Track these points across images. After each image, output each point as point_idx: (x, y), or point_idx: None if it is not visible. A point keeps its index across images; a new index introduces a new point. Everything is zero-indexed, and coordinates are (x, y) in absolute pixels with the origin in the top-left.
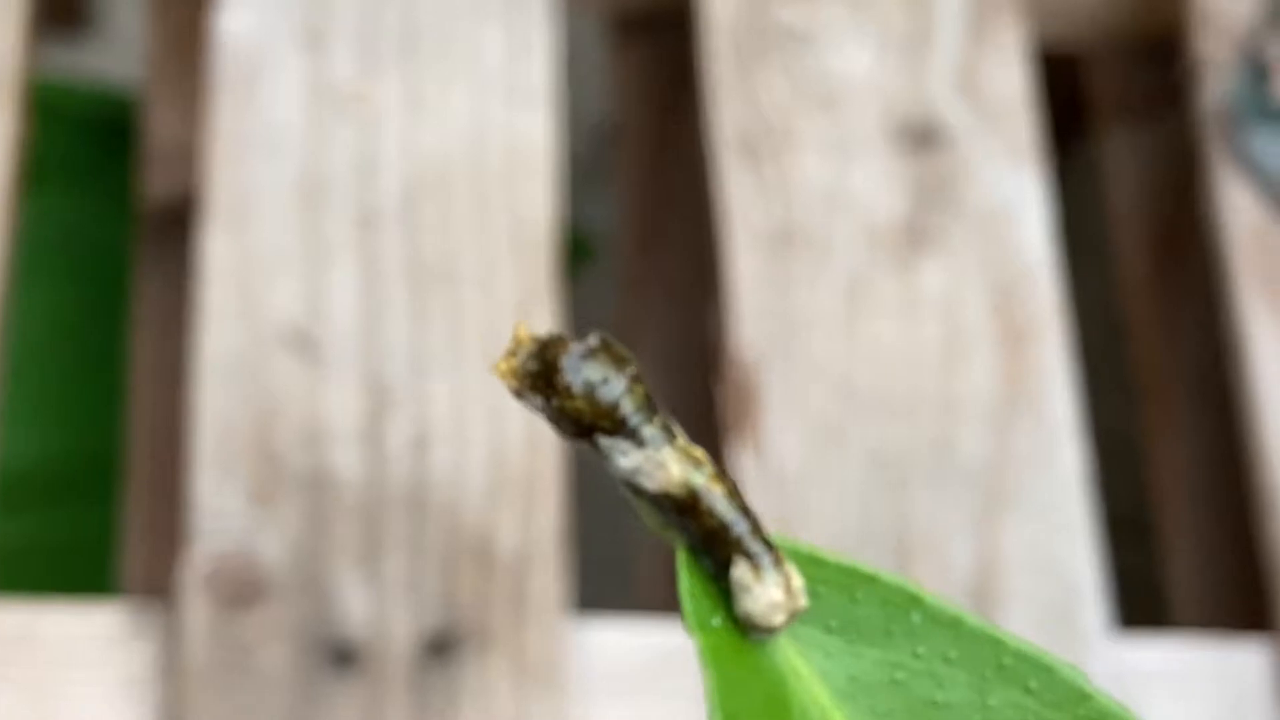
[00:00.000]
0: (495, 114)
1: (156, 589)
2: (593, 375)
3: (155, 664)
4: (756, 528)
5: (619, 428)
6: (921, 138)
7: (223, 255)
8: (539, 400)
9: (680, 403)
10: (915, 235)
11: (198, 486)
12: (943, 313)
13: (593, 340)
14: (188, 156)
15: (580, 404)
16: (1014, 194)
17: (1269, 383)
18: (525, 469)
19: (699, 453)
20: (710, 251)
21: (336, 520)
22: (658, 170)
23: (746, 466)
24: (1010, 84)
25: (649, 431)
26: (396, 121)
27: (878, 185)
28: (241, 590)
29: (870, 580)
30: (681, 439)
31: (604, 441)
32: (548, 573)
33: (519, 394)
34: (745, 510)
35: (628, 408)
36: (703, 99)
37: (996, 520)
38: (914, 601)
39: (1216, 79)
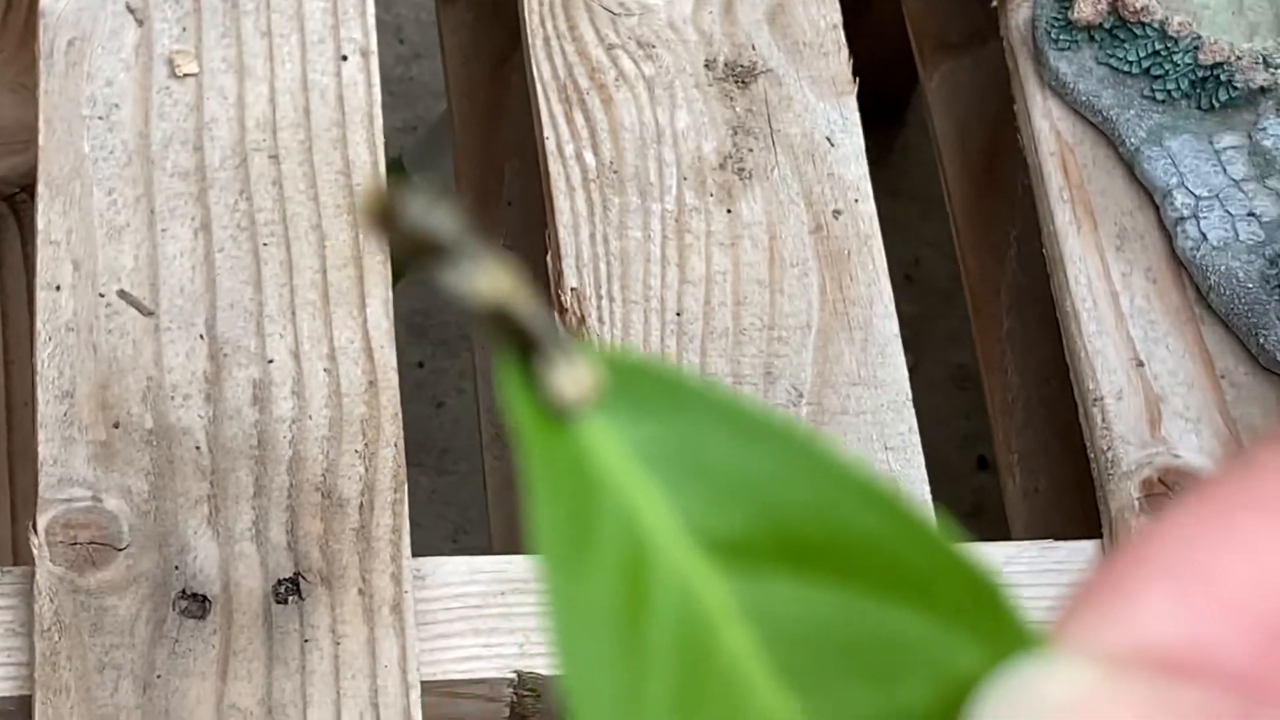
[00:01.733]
0: (320, 73)
1: (13, 552)
2: (417, 210)
3: (9, 627)
4: (553, 328)
5: (441, 253)
6: (739, 75)
7: (58, 224)
8: (386, 236)
9: None
10: (736, 169)
11: (44, 450)
12: (765, 241)
13: (421, 188)
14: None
15: (410, 235)
16: (830, 124)
17: (1085, 291)
18: (363, 413)
19: (505, 270)
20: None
21: (182, 474)
22: (490, 123)
23: None
24: (823, 18)
25: (464, 256)
26: (222, 83)
27: (698, 122)
28: (92, 549)
29: (670, 375)
30: (491, 259)
31: (435, 267)
32: (390, 512)
33: (371, 230)
34: (542, 315)
35: (446, 236)
36: (525, 47)
37: (825, 440)
38: (717, 400)
39: (1025, 3)
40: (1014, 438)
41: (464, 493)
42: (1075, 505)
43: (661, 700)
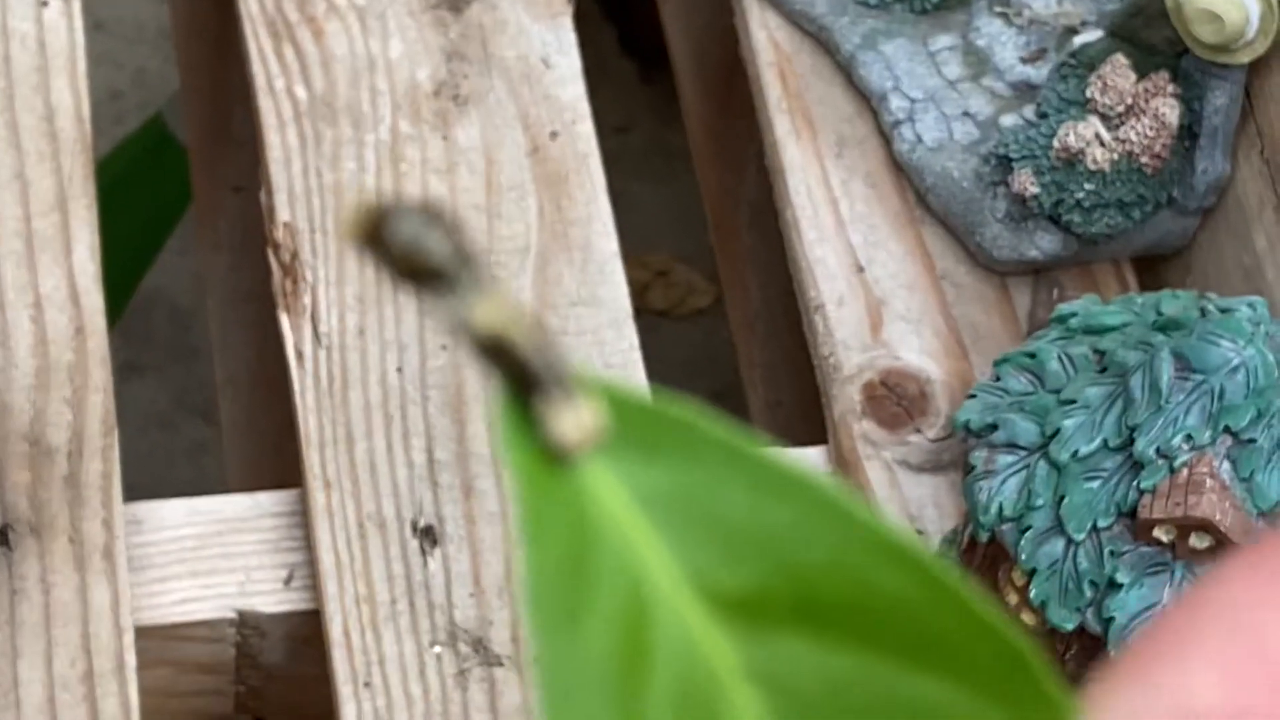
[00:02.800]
0: (20, 20)
1: None
2: (410, 231)
3: None
4: (554, 365)
5: (435, 278)
6: (452, 2)
7: None
8: (377, 256)
9: (262, 288)
10: (451, 95)
11: None
12: (482, 167)
13: (411, 202)
14: None
15: (402, 257)
16: (546, 46)
17: (805, 200)
18: (71, 360)
19: (505, 298)
20: None
21: None
22: (216, 62)
23: (303, 337)
24: None
25: (463, 284)
26: None
27: (412, 50)
28: None
29: (682, 416)
30: (492, 287)
31: (428, 292)
32: (100, 458)
33: (362, 251)
34: (545, 349)
35: (441, 259)
36: None
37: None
38: (715, 436)
39: None
40: (756, 352)
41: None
42: (817, 417)
43: None
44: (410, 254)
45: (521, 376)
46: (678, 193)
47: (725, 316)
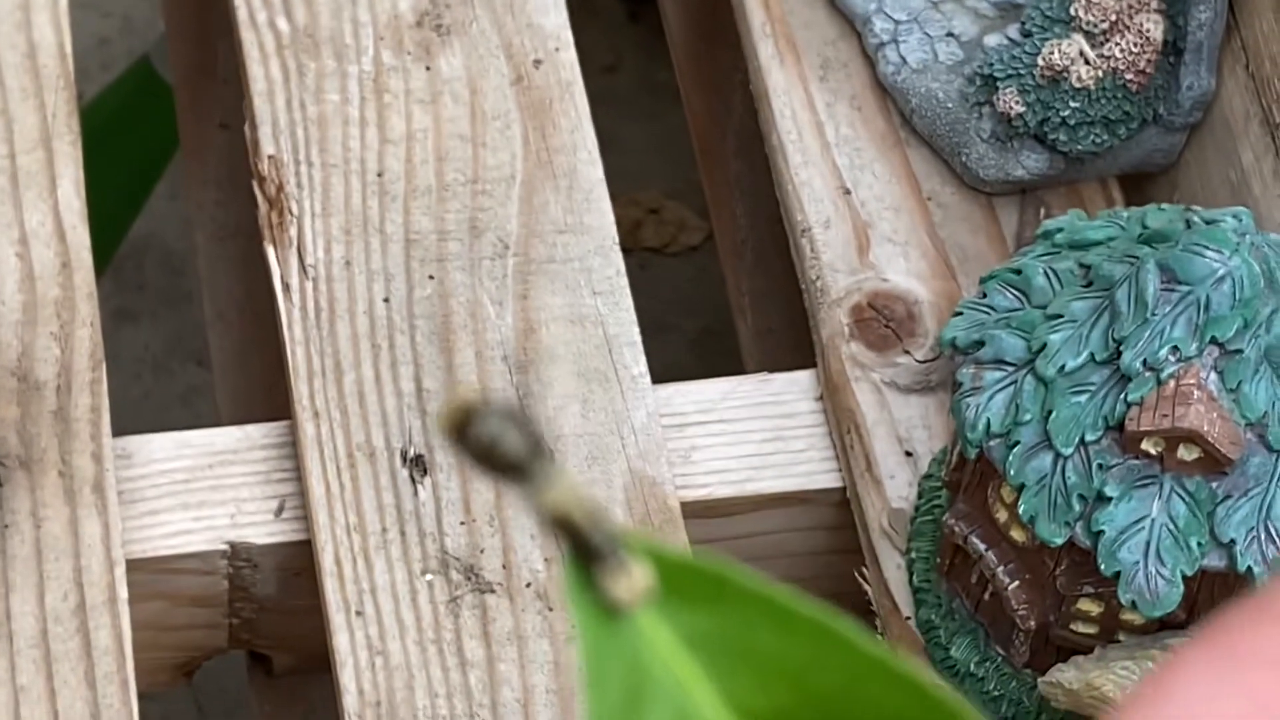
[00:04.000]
0: None
1: None
2: (493, 432)
3: None
4: (611, 538)
5: (514, 470)
6: None
7: None
8: (464, 450)
9: (250, 224)
10: (434, 25)
11: None
12: (466, 96)
13: (496, 405)
14: None
15: (486, 455)
16: None
17: (790, 124)
18: (57, 295)
19: (570, 484)
20: None
21: None
22: (203, 3)
23: (289, 269)
24: None
25: (535, 475)
26: None
27: None
28: None
29: (714, 569)
30: (559, 475)
31: (508, 479)
32: (88, 392)
33: (447, 440)
34: (601, 525)
35: (519, 459)
36: None
37: (533, 287)
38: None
39: None
40: (744, 280)
41: None
42: (807, 344)
43: None
44: (492, 450)
45: (584, 548)
46: (668, 130)
47: (717, 254)
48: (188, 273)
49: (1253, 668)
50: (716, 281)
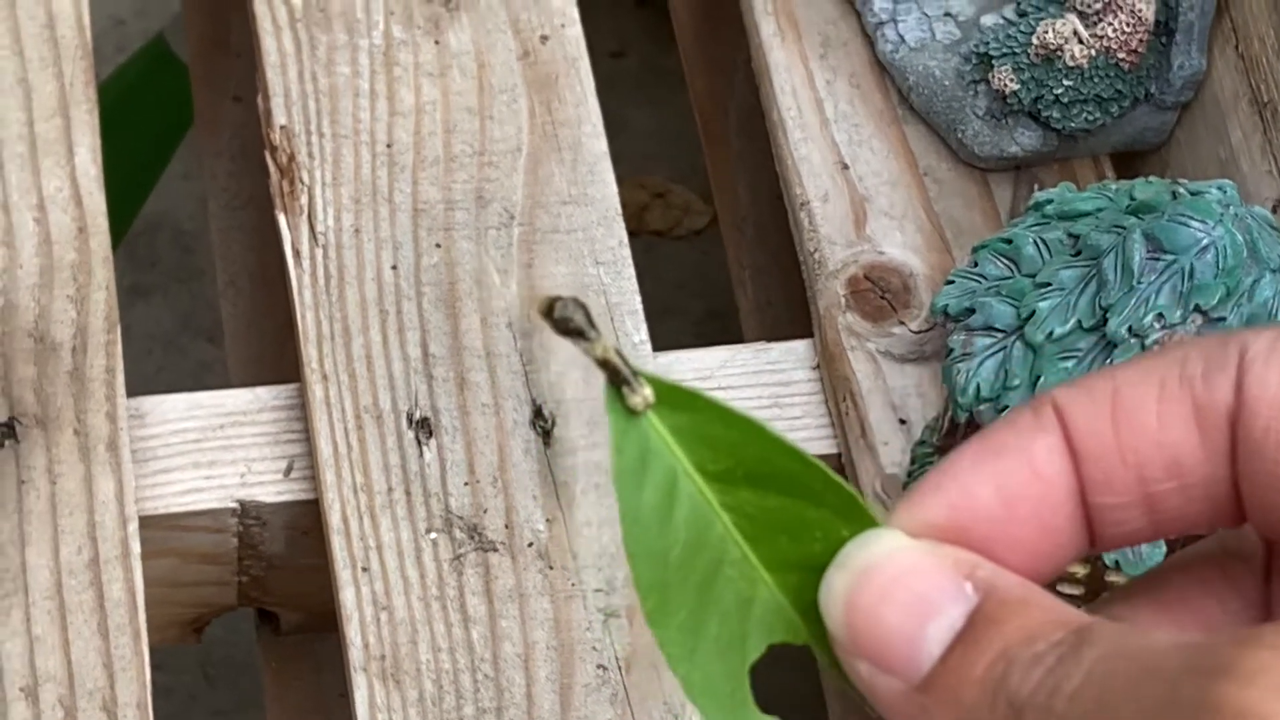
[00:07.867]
0: None
1: None
2: (563, 311)
3: None
4: (633, 371)
5: (579, 335)
6: None
7: None
8: (549, 323)
9: (261, 194)
10: (444, 1)
11: None
12: (474, 70)
13: (568, 298)
14: None
15: (563, 326)
16: None
17: (790, 100)
18: (74, 259)
19: (609, 342)
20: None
21: None
22: None
23: (300, 236)
24: None
25: (589, 337)
26: None
27: None
28: None
29: (690, 391)
30: (602, 336)
31: (576, 341)
32: (103, 353)
33: (545, 321)
34: (627, 364)
35: (578, 326)
36: None
37: (538, 256)
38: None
39: None
40: (745, 254)
41: None
42: (805, 317)
43: (679, 553)
44: (567, 323)
45: (616, 377)
46: (674, 115)
47: (722, 238)
48: (199, 251)
49: (1004, 457)
50: (721, 265)
